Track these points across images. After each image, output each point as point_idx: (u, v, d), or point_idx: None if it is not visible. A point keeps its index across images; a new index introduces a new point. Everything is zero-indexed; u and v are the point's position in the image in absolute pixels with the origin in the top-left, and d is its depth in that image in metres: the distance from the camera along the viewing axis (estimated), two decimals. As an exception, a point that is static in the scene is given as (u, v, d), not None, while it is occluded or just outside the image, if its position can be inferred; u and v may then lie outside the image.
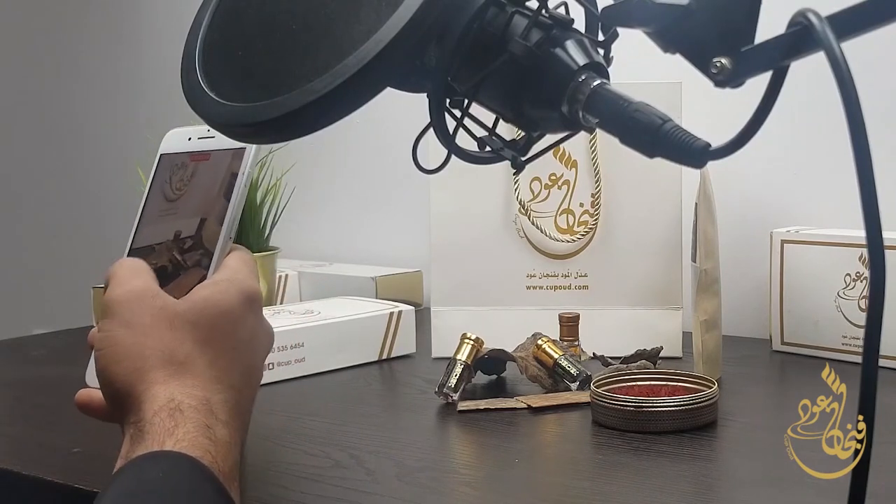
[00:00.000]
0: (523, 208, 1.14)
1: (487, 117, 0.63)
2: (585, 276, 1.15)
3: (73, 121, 2.08)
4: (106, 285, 0.68)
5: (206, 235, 0.72)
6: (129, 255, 0.74)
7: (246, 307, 0.68)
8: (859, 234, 0.90)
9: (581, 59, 0.58)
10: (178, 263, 0.72)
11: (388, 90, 0.59)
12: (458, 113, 0.61)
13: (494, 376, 1.05)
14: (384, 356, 1.16)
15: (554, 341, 1.00)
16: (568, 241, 1.14)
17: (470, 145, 0.63)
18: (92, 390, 0.72)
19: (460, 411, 0.93)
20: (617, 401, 0.87)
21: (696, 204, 1.02)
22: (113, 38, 1.99)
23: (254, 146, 0.73)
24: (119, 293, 0.66)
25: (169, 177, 0.77)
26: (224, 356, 0.65)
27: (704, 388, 0.89)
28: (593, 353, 1.07)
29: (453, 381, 0.96)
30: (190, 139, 0.78)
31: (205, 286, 0.68)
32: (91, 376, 0.72)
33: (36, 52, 2.13)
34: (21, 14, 2.14)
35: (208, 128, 0.75)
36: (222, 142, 0.74)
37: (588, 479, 0.78)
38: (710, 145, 0.54)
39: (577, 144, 1.13)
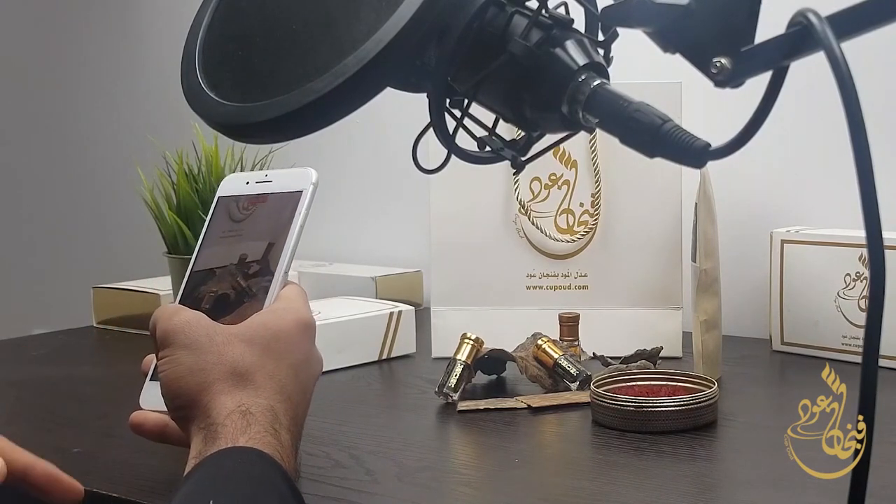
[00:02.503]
0: (523, 208, 1.14)
1: (487, 117, 0.63)
2: (585, 276, 1.14)
3: (73, 121, 2.07)
4: (153, 330, 0.70)
5: (273, 260, 0.73)
6: (189, 277, 0.76)
7: (301, 331, 0.70)
8: (859, 234, 0.90)
9: (581, 59, 0.58)
10: (242, 290, 0.73)
11: (388, 90, 0.59)
12: (458, 113, 0.61)
13: (494, 376, 1.05)
14: (384, 356, 1.16)
15: (554, 341, 1.00)
16: (568, 241, 1.14)
17: (470, 145, 0.63)
18: (146, 412, 0.74)
19: (460, 411, 0.93)
20: (617, 401, 0.87)
21: (696, 204, 1.02)
22: (113, 39, 1.99)
23: (310, 189, 0.74)
24: (170, 324, 0.69)
25: (235, 202, 0.78)
26: (281, 371, 0.68)
27: (704, 388, 0.89)
28: (593, 353, 1.07)
29: (453, 381, 0.96)
30: (248, 183, 0.79)
31: (261, 313, 0.70)
32: (145, 400, 0.74)
33: (37, 52, 2.13)
34: (22, 14, 2.14)
35: (265, 173, 0.78)
36: (279, 185, 0.76)
37: (588, 479, 0.78)
38: (710, 145, 0.54)
39: (577, 144, 1.13)
